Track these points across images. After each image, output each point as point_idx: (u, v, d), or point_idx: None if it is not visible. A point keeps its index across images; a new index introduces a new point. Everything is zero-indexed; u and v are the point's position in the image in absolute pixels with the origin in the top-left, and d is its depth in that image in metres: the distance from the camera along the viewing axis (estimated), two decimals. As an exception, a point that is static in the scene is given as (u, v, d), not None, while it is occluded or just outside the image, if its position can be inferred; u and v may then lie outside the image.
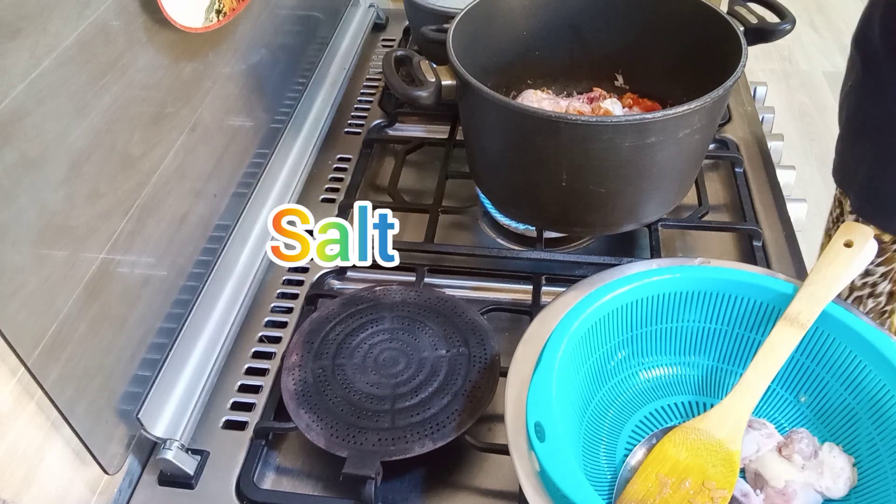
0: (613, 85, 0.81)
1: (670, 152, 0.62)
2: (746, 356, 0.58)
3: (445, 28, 0.67)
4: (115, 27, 0.52)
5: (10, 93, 0.43)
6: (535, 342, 0.53)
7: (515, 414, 0.49)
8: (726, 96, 0.60)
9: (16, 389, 0.47)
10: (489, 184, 0.72)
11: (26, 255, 0.45)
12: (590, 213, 0.67)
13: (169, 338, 0.61)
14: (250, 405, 0.62)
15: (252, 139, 0.76)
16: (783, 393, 0.58)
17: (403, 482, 0.57)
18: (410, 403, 0.57)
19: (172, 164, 0.60)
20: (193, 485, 0.57)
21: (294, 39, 0.87)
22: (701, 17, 0.69)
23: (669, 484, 0.51)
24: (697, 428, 0.53)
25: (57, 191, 0.47)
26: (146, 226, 0.57)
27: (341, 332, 0.63)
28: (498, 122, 0.63)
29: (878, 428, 0.52)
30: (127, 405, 0.56)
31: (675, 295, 0.57)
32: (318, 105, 0.92)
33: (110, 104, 0.52)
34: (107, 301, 0.53)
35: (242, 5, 0.68)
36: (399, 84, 0.62)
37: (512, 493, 0.56)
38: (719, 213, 0.79)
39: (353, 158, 0.86)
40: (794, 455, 0.53)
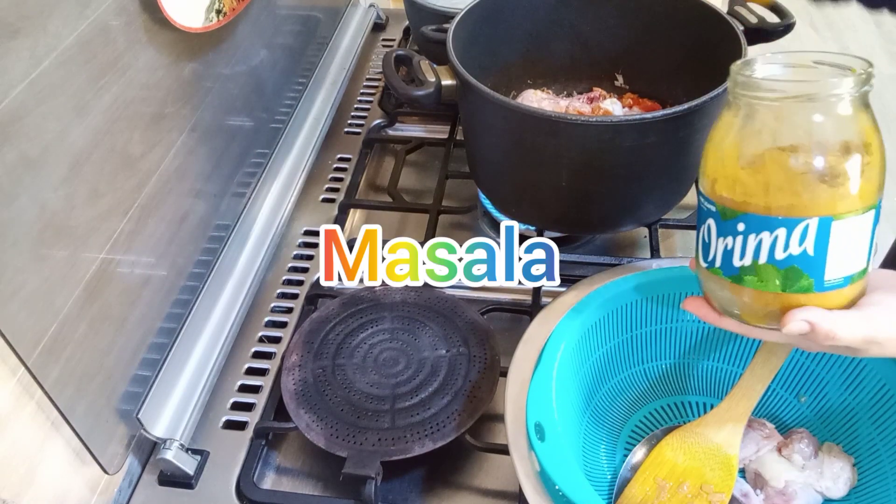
0: (613, 85, 0.81)
1: (670, 152, 0.62)
2: (746, 356, 0.58)
3: (445, 28, 0.67)
4: (115, 27, 0.52)
5: (10, 93, 0.43)
6: (535, 342, 0.53)
7: (515, 414, 0.49)
8: (726, 96, 0.60)
9: (16, 389, 0.47)
10: (489, 184, 0.72)
11: (26, 255, 0.45)
12: (590, 213, 0.67)
13: (169, 338, 0.61)
14: (250, 405, 0.62)
15: (252, 139, 0.76)
16: (783, 393, 0.58)
17: (403, 482, 0.57)
18: (410, 403, 0.57)
19: (172, 164, 0.60)
20: (193, 485, 0.57)
21: (294, 39, 0.87)
22: (701, 17, 0.69)
23: (667, 488, 0.51)
24: (695, 431, 0.53)
25: (57, 191, 0.47)
26: (146, 226, 0.57)
27: (341, 332, 0.63)
28: (498, 122, 0.63)
29: (878, 428, 0.52)
30: (127, 405, 0.56)
31: (675, 295, 0.57)
32: (318, 105, 0.92)
33: (110, 104, 0.52)
34: (107, 301, 0.53)
35: (242, 5, 0.68)
36: (399, 84, 0.62)
37: (512, 493, 0.56)
38: (719, 213, 0.79)
39: (353, 158, 0.86)
40: (794, 455, 0.53)
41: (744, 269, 0.42)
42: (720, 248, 0.43)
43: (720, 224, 0.43)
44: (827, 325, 0.40)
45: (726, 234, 0.42)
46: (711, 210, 0.43)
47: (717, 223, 0.43)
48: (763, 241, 0.41)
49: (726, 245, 0.42)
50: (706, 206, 0.44)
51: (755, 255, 0.41)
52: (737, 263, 0.42)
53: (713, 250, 0.44)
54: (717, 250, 0.43)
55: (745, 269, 0.42)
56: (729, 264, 0.43)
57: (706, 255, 0.44)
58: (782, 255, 0.41)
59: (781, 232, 0.40)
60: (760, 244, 0.41)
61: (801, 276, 0.41)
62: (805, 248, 0.40)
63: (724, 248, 0.43)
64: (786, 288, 0.41)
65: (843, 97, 0.39)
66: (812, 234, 0.40)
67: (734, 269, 0.42)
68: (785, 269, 0.41)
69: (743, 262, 0.42)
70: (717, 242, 0.43)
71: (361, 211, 0.82)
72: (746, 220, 0.41)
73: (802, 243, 0.40)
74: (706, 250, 0.44)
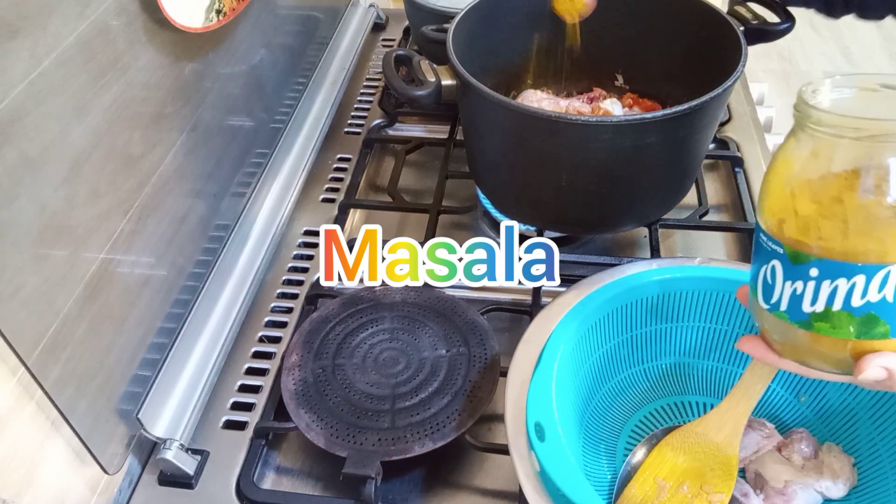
0: (613, 85, 0.81)
1: (670, 152, 0.62)
2: (746, 356, 0.58)
3: (445, 28, 0.67)
4: (115, 27, 0.52)
5: (10, 93, 0.43)
6: (535, 342, 0.53)
7: (515, 414, 0.49)
8: (726, 96, 0.60)
9: (16, 389, 0.47)
10: (489, 184, 0.72)
11: (26, 255, 0.45)
12: (590, 213, 0.67)
13: (169, 338, 0.61)
14: (250, 405, 0.62)
15: (252, 139, 0.76)
16: (783, 393, 0.58)
17: (403, 482, 0.57)
18: (410, 403, 0.57)
19: (172, 164, 0.60)
20: (193, 485, 0.57)
21: (294, 39, 0.87)
22: (701, 17, 0.69)
23: (667, 488, 0.51)
24: (695, 431, 0.53)
25: (57, 191, 0.47)
26: (146, 226, 0.57)
27: (341, 331, 0.63)
28: (498, 122, 0.63)
29: (878, 428, 0.52)
30: (127, 405, 0.56)
31: (675, 295, 0.57)
32: (318, 105, 0.92)
33: (110, 104, 0.52)
34: (107, 301, 0.53)
35: (242, 5, 0.68)
36: (399, 84, 0.62)
37: (512, 493, 0.56)
38: (719, 213, 0.79)
39: (353, 158, 0.86)
40: (794, 455, 0.53)
41: (815, 315, 0.39)
42: (787, 292, 0.40)
43: (789, 267, 0.40)
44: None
45: (796, 279, 0.40)
46: (778, 252, 0.40)
47: (785, 266, 0.40)
48: (839, 287, 0.38)
49: (794, 290, 0.40)
50: (771, 247, 0.40)
51: (829, 302, 0.39)
52: (807, 309, 0.40)
53: (778, 293, 0.41)
54: (783, 293, 0.41)
55: (817, 316, 0.39)
56: (797, 310, 0.40)
57: (768, 297, 0.42)
58: (859, 303, 0.38)
59: (860, 279, 0.38)
60: (836, 291, 0.38)
61: (879, 322, 0.39)
62: (884, 295, 0.38)
63: (793, 293, 0.40)
64: (860, 335, 0.39)
65: None
66: (893, 281, 0.37)
67: (803, 315, 0.40)
68: (861, 317, 0.39)
69: (814, 308, 0.39)
70: (784, 286, 0.40)
71: (361, 211, 0.82)
72: (821, 265, 0.38)
73: (882, 290, 0.38)
74: (768, 292, 0.41)
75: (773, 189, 0.40)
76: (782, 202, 0.39)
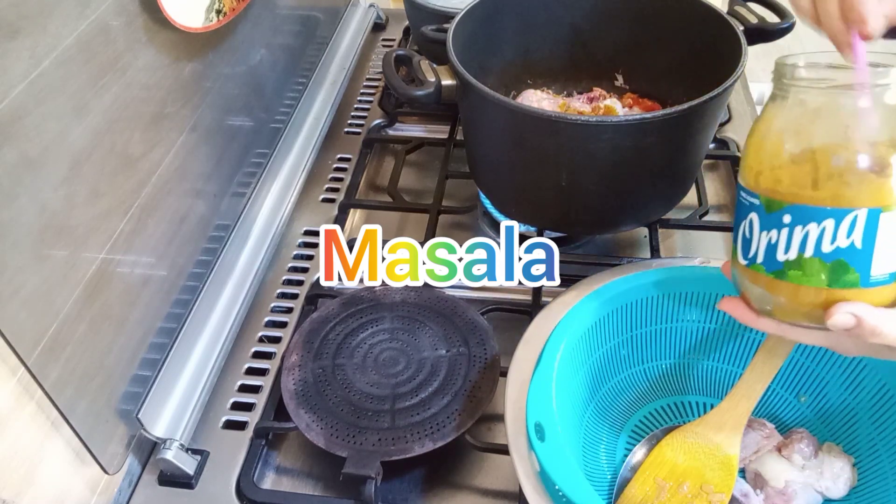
0: (613, 85, 0.81)
1: (670, 152, 0.62)
2: (746, 356, 0.58)
3: (445, 28, 0.67)
4: (115, 27, 0.52)
5: (10, 93, 0.43)
6: (535, 342, 0.53)
7: (515, 414, 0.49)
8: (726, 96, 0.60)
9: (16, 389, 0.47)
10: (489, 184, 0.72)
11: (26, 255, 0.45)
12: (590, 213, 0.67)
13: (169, 338, 0.61)
14: (250, 405, 0.62)
15: (252, 139, 0.76)
16: (783, 393, 0.58)
17: (403, 482, 0.57)
18: (410, 403, 0.57)
19: (172, 164, 0.60)
20: (193, 485, 0.57)
21: (294, 39, 0.87)
22: (701, 17, 0.69)
23: (667, 488, 0.51)
24: (695, 431, 0.53)
25: (57, 191, 0.47)
26: (146, 226, 0.57)
27: (341, 332, 0.63)
28: (498, 122, 0.63)
29: (878, 428, 0.52)
30: (127, 405, 0.56)
31: (675, 295, 0.57)
32: (318, 105, 0.92)
33: (110, 104, 0.52)
34: (107, 301, 0.53)
35: (242, 5, 0.68)
36: (399, 84, 0.62)
37: (512, 493, 0.56)
38: (719, 213, 0.79)
39: (353, 158, 0.86)
40: (794, 455, 0.53)
41: (788, 263, 0.42)
42: (763, 243, 0.42)
43: (764, 217, 0.42)
44: (873, 320, 0.39)
45: (770, 227, 0.42)
46: (755, 204, 0.42)
47: (761, 216, 0.42)
48: (810, 232, 0.40)
49: (770, 239, 0.42)
50: (748, 201, 0.43)
51: (801, 248, 0.41)
52: (781, 258, 0.42)
53: (755, 245, 0.43)
54: (759, 245, 0.43)
55: (790, 264, 0.41)
56: (772, 259, 0.42)
57: (746, 252, 0.44)
58: (829, 248, 0.40)
59: (829, 223, 0.40)
60: (807, 236, 0.40)
61: (848, 270, 0.40)
62: (853, 241, 0.40)
63: (768, 243, 0.42)
64: (831, 283, 0.41)
65: (891, 87, 0.39)
66: (860, 226, 0.39)
67: (778, 264, 0.42)
68: (831, 263, 0.40)
69: (788, 255, 0.41)
70: (761, 237, 0.43)
71: (361, 211, 0.82)
72: (793, 211, 0.41)
73: (850, 235, 0.40)
74: (747, 246, 0.44)
75: (751, 146, 0.43)
76: (759, 156, 0.42)
